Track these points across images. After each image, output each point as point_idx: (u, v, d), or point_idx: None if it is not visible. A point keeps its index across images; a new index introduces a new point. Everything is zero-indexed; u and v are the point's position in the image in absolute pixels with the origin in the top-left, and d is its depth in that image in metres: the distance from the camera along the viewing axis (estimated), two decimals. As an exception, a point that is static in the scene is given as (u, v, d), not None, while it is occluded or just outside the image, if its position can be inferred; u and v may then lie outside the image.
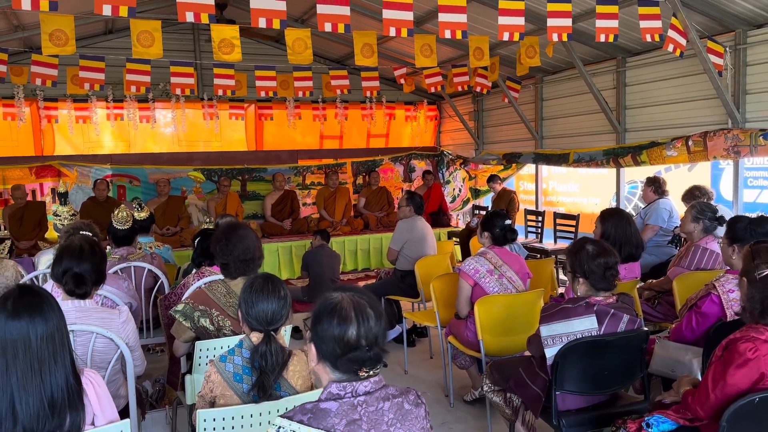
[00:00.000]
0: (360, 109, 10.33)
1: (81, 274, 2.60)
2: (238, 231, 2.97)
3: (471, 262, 3.84)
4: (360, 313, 1.55)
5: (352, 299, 1.58)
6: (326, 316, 1.56)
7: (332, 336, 1.54)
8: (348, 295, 1.60)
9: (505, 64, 7.78)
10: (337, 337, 1.53)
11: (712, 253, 4.12)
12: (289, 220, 9.11)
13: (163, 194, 8.54)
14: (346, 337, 1.53)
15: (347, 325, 1.53)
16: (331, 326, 1.54)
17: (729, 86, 5.59)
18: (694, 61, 5.72)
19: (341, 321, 1.54)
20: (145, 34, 5.03)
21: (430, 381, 4.68)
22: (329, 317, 1.56)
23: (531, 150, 8.50)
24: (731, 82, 5.59)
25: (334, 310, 1.56)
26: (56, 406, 1.85)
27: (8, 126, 8.46)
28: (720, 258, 4.13)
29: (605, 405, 2.88)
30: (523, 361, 3.10)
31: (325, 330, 1.55)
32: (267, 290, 2.21)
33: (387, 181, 10.61)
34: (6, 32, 7.03)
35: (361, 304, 1.58)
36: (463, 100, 10.31)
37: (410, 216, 5.62)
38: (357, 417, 1.50)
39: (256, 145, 10.08)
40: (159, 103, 9.04)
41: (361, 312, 1.56)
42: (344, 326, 1.53)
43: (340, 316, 1.55)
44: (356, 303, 1.58)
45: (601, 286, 2.73)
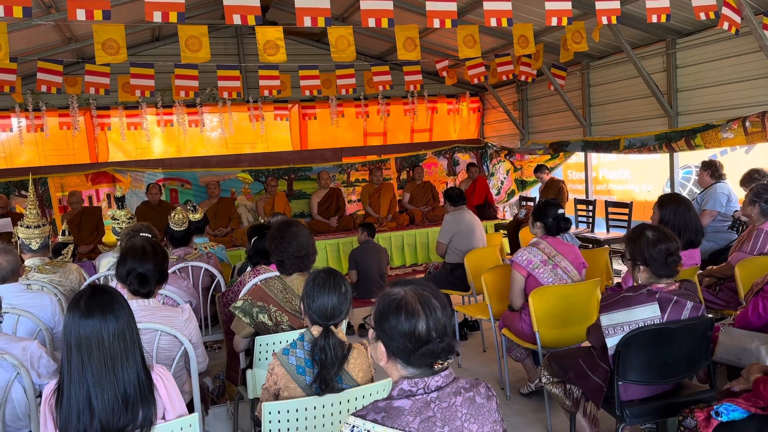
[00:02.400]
0: (402, 105, 10.33)
1: (144, 274, 2.69)
2: (292, 228, 3.02)
3: (524, 253, 3.79)
4: (426, 305, 1.52)
5: (416, 292, 1.55)
6: (392, 312, 1.53)
7: (402, 332, 1.50)
8: (410, 289, 1.56)
9: (549, 51, 7.65)
10: (407, 332, 1.50)
11: (775, 237, 3.96)
12: (335, 217, 9.19)
13: (214, 196, 8.73)
14: (417, 331, 1.49)
15: (416, 320, 1.50)
16: (399, 322, 1.51)
17: (789, 63, 5.35)
18: (749, 39, 5.50)
19: (409, 316, 1.50)
20: (193, 39, 5.15)
21: (484, 374, 4.65)
22: (396, 313, 1.52)
23: (579, 138, 8.32)
24: (791, 59, 5.35)
25: (399, 305, 1.52)
26: (129, 401, 1.93)
27: (64, 135, 8.80)
28: (786, 241, 3.98)
29: (670, 394, 2.81)
30: (583, 351, 3.05)
31: (394, 327, 1.52)
32: (329, 285, 2.24)
33: (431, 175, 10.58)
34: (60, 44, 7.31)
35: (426, 296, 1.54)
36: (507, 90, 10.18)
37: (454, 210, 5.58)
38: (431, 414, 1.47)
39: (301, 144, 10.21)
40: (206, 107, 9.25)
41: (428, 304, 1.52)
42: (413, 321, 1.50)
43: (407, 311, 1.51)
44: (420, 296, 1.54)
45: (663, 272, 2.66)
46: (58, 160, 8.95)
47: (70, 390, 1.89)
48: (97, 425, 1.88)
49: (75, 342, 1.91)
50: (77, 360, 1.90)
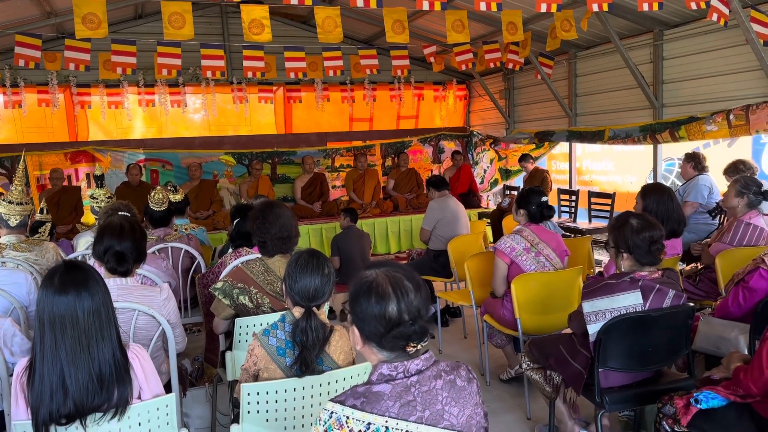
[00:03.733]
0: (389, 90, 10.25)
1: (122, 252, 2.63)
2: (275, 209, 2.97)
3: (507, 240, 3.79)
4: (397, 287, 1.49)
5: (387, 274, 1.52)
6: (363, 295, 1.50)
7: (373, 315, 1.48)
8: (382, 271, 1.53)
9: (537, 39, 7.62)
10: (378, 315, 1.47)
11: (755, 228, 4.00)
12: (318, 202, 9.13)
13: (195, 178, 8.62)
14: (387, 314, 1.47)
15: (386, 302, 1.47)
16: (369, 305, 1.48)
17: (774, 57, 5.37)
18: (736, 31, 5.52)
19: (379, 298, 1.48)
20: (176, 15, 5.04)
21: (465, 360, 4.57)
22: (366, 296, 1.49)
23: (564, 128, 8.33)
24: (776, 53, 5.37)
25: (370, 288, 1.50)
26: (104, 380, 1.88)
27: (43, 113, 8.61)
28: (766, 233, 4.01)
29: (649, 382, 2.82)
30: (564, 338, 3.05)
31: (365, 310, 1.49)
32: (311, 266, 2.20)
33: (416, 162, 10.55)
34: (39, 18, 7.12)
35: (397, 277, 1.51)
36: (494, 78, 10.15)
37: (439, 196, 5.56)
38: (411, 398, 1.44)
39: (285, 128, 10.10)
40: (189, 87, 9.09)
41: (399, 286, 1.49)
42: (383, 303, 1.47)
43: (377, 294, 1.48)
44: (392, 277, 1.51)
45: (647, 260, 2.66)
46: (36, 137, 8.77)
47: (43, 368, 1.84)
48: (71, 405, 1.83)
49: (48, 319, 1.85)
50: (50, 338, 1.85)
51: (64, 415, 1.81)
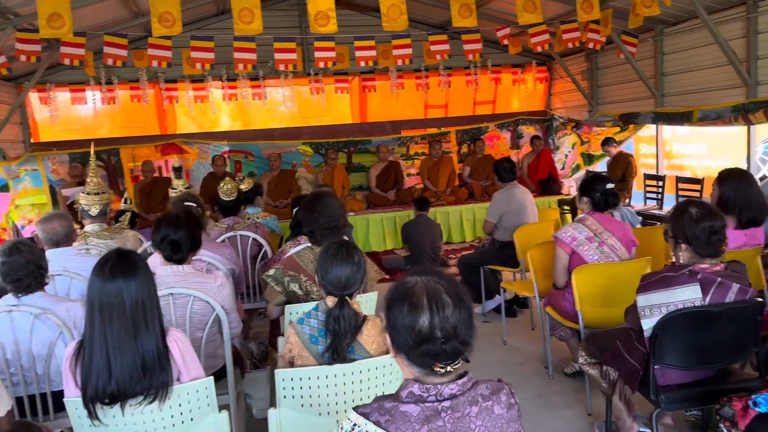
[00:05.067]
0: (464, 76, 10.07)
1: (177, 240, 2.78)
2: (323, 200, 3.02)
3: (568, 229, 3.64)
4: (434, 299, 1.37)
5: (426, 284, 1.40)
6: (397, 302, 1.40)
7: (403, 325, 1.38)
8: (423, 279, 1.41)
9: (619, 17, 7.21)
10: (408, 326, 1.37)
11: None
12: (393, 190, 9.18)
13: (275, 168, 8.92)
14: (417, 326, 1.36)
15: (418, 314, 1.36)
16: (401, 314, 1.38)
17: None
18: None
19: (411, 309, 1.37)
20: (246, 11, 5.21)
21: (529, 352, 4.55)
22: (400, 304, 1.39)
23: (650, 109, 7.87)
24: None
25: (405, 296, 1.39)
26: (147, 367, 2.00)
27: (135, 108, 9.18)
28: None
29: (712, 381, 2.64)
30: (621, 333, 2.91)
31: (397, 318, 1.40)
32: (341, 256, 2.23)
33: (493, 148, 10.34)
34: (128, 19, 7.57)
35: (437, 289, 1.39)
36: (576, 58, 9.73)
37: (503, 186, 5.42)
38: (440, 424, 1.34)
39: (361, 117, 10.20)
40: (269, 80, 9.36)
41: (435, 299, 1.37)
42: (414, 314, 1.36)
43: (410, 304, 1.37)
44: (430, 288, 1.39)
45: (706, 252, 2.47)
46: (129, 131, 9.37)
47: (92, 349, 1.98)
48: (114, 386, 1.96)
49: (97, 304, 1.99)
50: (99, 322, 1.98)
51: (108, 394, 1.95)
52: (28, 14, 6.06)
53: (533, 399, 3.76)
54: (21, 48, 6.01)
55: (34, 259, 2.69)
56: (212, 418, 2.22)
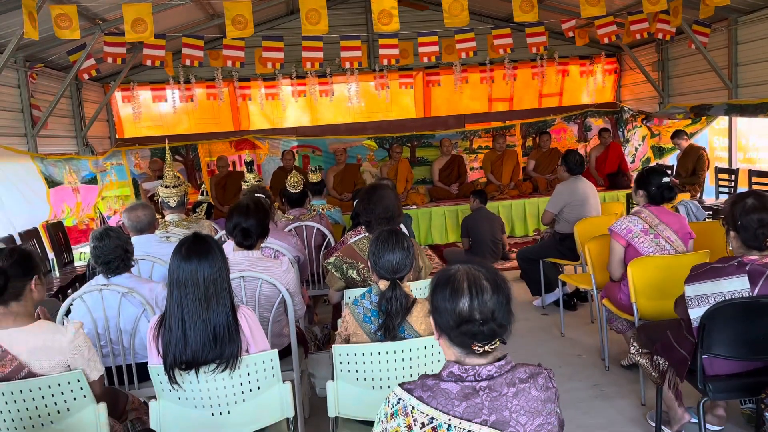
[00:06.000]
0: (530, 68, 10.02)
1: (247, 228, 3.03)
2: (379, 191, 3.20)
3: (623, 222, 3.67)
4: (474, 285, 1.49)
5: (468, 270, 1.52)
6: (440, 287, 1.53)
7: (445, 308, 1.50)
8: (465, 267, 1.54)
9: (690, 6, 7.02)
10: (449, 309, 1.49)
11: None
12: (456, 184, 9.27)
13: (341, 162, 9.20)
14: (458, 309, 1.48)
15: (459, 297, 1.48)
16: (444, 298, 1.51)
17: None
18: None
19: (453, 292, 1.49)
20: (313, 12, 5.46)
21: (587, 344, 4.58)
22: (443, 288, 1.52)
23: (723, 101, 7.60)
24: None
25: (447, 281, 1.52)
26: (218, 338, 2.24)
27: (211, 105, 9.70)
28: None
29: (762, 372, 2.64)
30: (672, 323, 2.94)
31: (440, 301, 1.52)
32: (392, 242, 2.40)
33: (560, 141, 10.24)
34: (204, 21, 8.02)
35: (477, 275, 1.51)
36: (646, 49, 9.49)
37: (569, 178, 5.43)
38: (478, 401, 1.45)
39: (425, 111, 10.34)
40: (336, 77, 9.65)
41: (476, 284, 1.49)
42: (456, 298, 1.49)
43: (452, 288, 1.50)
44: (471, 274, 1.51)
45: (752, 244, 2.49)
46: (206, 128, 9.92)
47: (171, 320, 2.24)
48: (190, 354, 2.22)
49: (176, 281, 2.25)
50: (177, 296, 2.24)
51: (184, 361, 2.21)
52: (113, 19, 6.57)
53: (588, 389, 3.81)
54: (108, 51, 6.52)
55: (121, 244, 3.01)
56: (277, 388, 2.45)
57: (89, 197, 7.89)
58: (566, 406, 3.55)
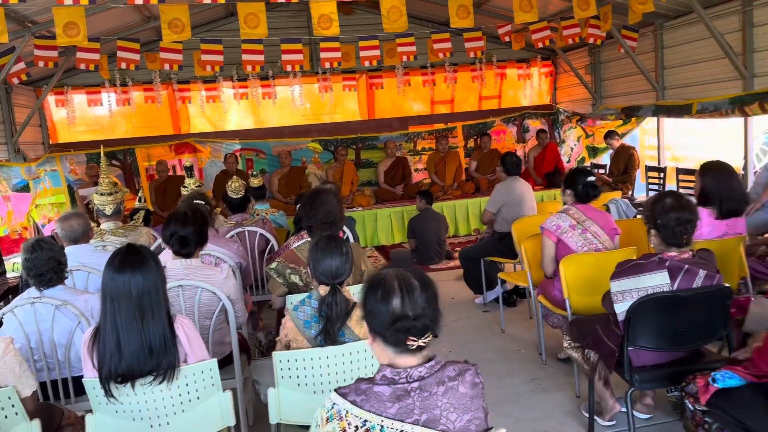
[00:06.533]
0: (470, 71, 10.23)
1: (185, 236, 3.00)
2: (320, 196, 3.23)
3: (553, 219, 3.84)
4: (404, 284, 1.57)
5: (397, 272, 1.61)
6: (372, 291, 1.61)
7: (379, 309, 1.57)
8: (393, 270, 1.63)
9: (619, 12, 7.33)
10: (383, 310, 1.57)
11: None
12: (401, 185, 9.37)
13: (286, 165, 9.16)
14: (392, 308, 1.55)
15: (391, 297, 1.56)
16: (377, 300, 1.58)
17: None
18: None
19: (385, 294, 1.57)
20: (252, 15, 5.43)
21: (525, 339, 4.74)
22: (374, 292, 1.60)
23: (651, 102, 7.98)
24: None
25: (379, 284, 1.60)
26: (154, 350, 2.22)
27: (149, 108, 9.47)
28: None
29: (684, 362, 2.81)
30: (601, 318, 3.09)
31: (373, 304, 1.59)
32: (331, 248, 2.44)
33: (500, 142, 10.50)
34: (139, 24, 7.83)
35: (406, 275, 1.60)
36: (579, 53, 9.84)
37: (507, 178, 5.60)
38: (410, 401, 1.52)
39: (369, 114, 10.41)
40: (279, 79, 9.58)
41: (406, 284, 1.57)
42: (388, 298, 1.56)
43: (384, 290, 1.58)
44: (400, 275, 1.60)
45: (671, 241, 2.65)
46: (145, 132, 9.67)
47: (105, 334, 2.21)
48: (125, 366, 2.19)
49: (109, 293, 2.22)
50: (110, 308, 2.21)
51: (119, 374, 2.18)
52: (45, 21, 6.33)
53: (527, 383, 3.95)
54: (39, 54, 6.29)
55: (54, 255, 2.93)
56: (217, 397, 2.44)
57: (21, 205, 7.57)
58: (505, 401, 3.68)
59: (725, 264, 3.59)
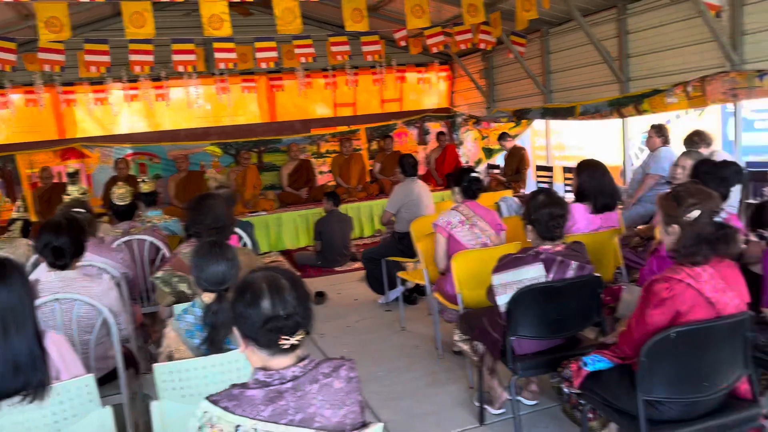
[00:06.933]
0: (371, 74, 10.34)
1: (60, 247, 2.83)
2: (208, 201, 3.15)
3: (444, 216, 4.00)
4: (273, 285, 1.57)
5: (265, 275, 1.61)
6: (240, 295, 1.59)
7: (249, 313, 1.56)
8: (261, 273, 1.63)
9: (508, 18, 7.67)
10: (252, 313, 1.55)
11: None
12: (305, 188, 9.32)
13: (183, 170, 8.85)
14: (261, 309, 1.55)
15: (261, 299, 1.56)
16: (246, 304, 1.57)
17: (726, 28, 5.43)
18: (690, 3, 5.57)
19: (254, 297, 1.56)
20: (137, 14, 5.21)
21: (424, 335, 4.85)
22: (242, 296, 1.58)
23: (540, 105, 8.42)
24: (728, 24, 5.43)
25: (246, 288, 1.59)
26: (20, 368, 2.07)
27: (30, 112, 8.85)
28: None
29: (563, 348, 2.99)
30: (488, 310, 3.22)
31: (242, 309, 1.58)
32: (215, 254, 2.38)
33: (402, 145, 10.69)
34: (16, 22, 7.31)
35: (274, 276, 1.60)
36: (474, 58, 10.21)
37: (405, 179, 5.72)
38: (284, 402, 1.51)
39: (270, 116, 10.28)
40: (173, 80, 9.25)
41: (274, 284, 1.58)
42: (258, 300, 1.56)
43: (252, 292, 1.57)
44: (269, 277, 1.60)
45: (546, 235, 2.82)
46: (27, 137, 9.03)
47: (-34, 352, 2.04)
48: (-10, 387, 2.03)
49: (-31, 310, 2.05)
50: (-29, 325, 2.05)
51: (-18, 395, 2.02)
52: None
53: (423, 377, 4.05)
54: None
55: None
56: (96, 414, 2.32)
57: None
58: (402, 397, 3.76)
59: (601, 255, 3.87)
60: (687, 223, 2.21)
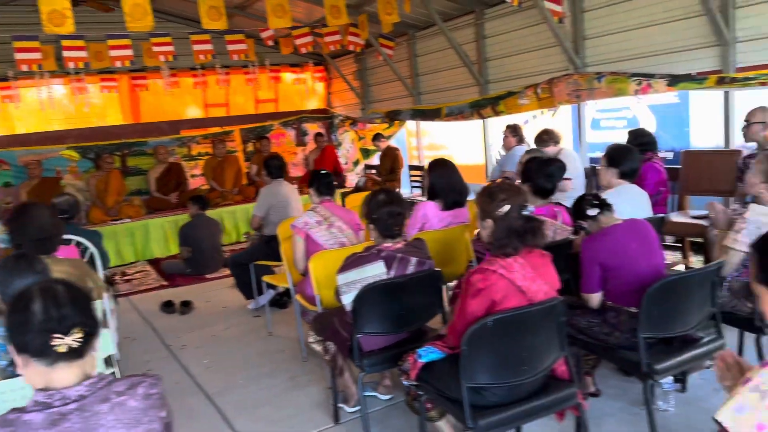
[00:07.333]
0: (243, 74, 10.12)
1: None
2: (32, 210, 2.92)
3: (302, 217, 3.99)
4: (45, 290, 1.48)
5: (39, 284, 1.52)
6: (13, 306, 1.48)
7: (20, 321, 1.44)
8: (36, 284, 1.52)
9: (375, 21, 7.79)
10: (23, 317, 1.44)
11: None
12: (175, 193, 8.93)
13: (35, 177, 8.20)
14: (33, 311, 1.43)
15: (31, 302, 1.44)
16: (17, 311, 1.45)
17: (569, 33, 5.84)
18: (538, 10, 5.94)
19: (25, 302, 1.45)
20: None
21: (291, 339, 4.80)
22: (14, 305, 1.48)
23: (410, 106, 8.64)
24: (571, 29, 5.85)
25: (19, 297, 1.48)
26: None
27: None
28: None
29: (408, 342, 3.06)
30: (339, 311, 3.24)
31: (13, 319, 1.46)
32: (21, 267, 2.21)
33: (279, 146, 10.54)
34: None
35: (48, 283, 1.52)
36: (347, 60, 10.30)
37: (271, 181, 5.65)
38: (68, 425, 1.38)
39: (134, 117, 9.76)
40: (22, 80, 8.51)
41: (47, 289, 1.48)
42: (28, 303, 1.44)
43: (24, 297, 1.46)
44: (42, 284, 1.51)
45: (386, 233, 2.88)
46: None
47: None
48: None
49: None
50: None
51: None
52: None
53: (286, 381, 4.00)
54: None
55: None
56: None
57: None
58: (261, 404, 3.69)
59: (453, 250, 4.02)
60: (498, 217, 2.34)
